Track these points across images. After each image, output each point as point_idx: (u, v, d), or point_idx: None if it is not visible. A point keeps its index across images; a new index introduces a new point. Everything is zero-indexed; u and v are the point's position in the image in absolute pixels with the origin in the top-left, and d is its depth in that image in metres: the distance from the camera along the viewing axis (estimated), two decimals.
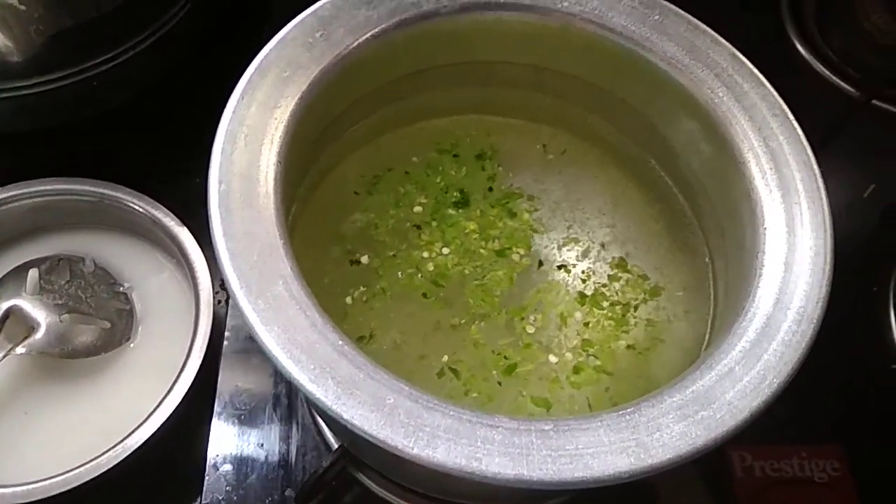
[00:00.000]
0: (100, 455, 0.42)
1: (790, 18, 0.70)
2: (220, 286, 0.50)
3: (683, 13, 0.39)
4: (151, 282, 0.52)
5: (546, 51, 0.41)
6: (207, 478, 0.44)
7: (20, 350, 0.46)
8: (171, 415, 0.43)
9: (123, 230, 0.53)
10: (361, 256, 0.40)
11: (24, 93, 0.52)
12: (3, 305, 0.47)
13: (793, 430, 0.49)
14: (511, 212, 0.43)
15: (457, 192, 0.43)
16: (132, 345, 0.49)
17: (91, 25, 0.51)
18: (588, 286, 0.41)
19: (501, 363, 0.38)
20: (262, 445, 0.46)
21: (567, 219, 0.43)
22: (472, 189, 0.43)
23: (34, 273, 0.48)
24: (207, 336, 0.46)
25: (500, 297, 0.40)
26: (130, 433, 0.43)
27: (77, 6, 0.50)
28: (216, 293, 0.48)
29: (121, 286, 0.51)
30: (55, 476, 0.41)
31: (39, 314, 0.47)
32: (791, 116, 0.36)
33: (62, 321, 0.47)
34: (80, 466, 0.42)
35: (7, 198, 0.50)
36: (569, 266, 0.42)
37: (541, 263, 0.41)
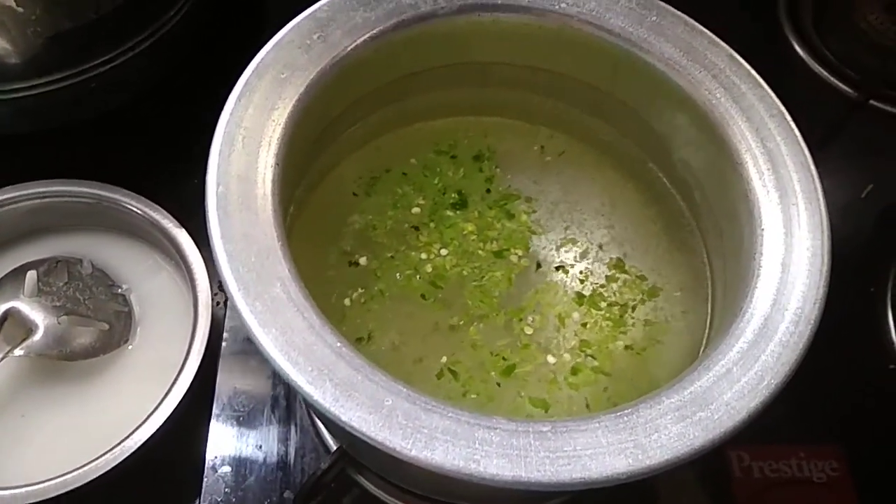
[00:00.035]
0: (98, 457, 0.42)
1: (787, 19, 0.70)
2: (219, 288, 0.49)
3: (681, 14, 0.39)
4: (150, 283, 0.52)
5: (543, 52, 0.41)
6: (206, 479, 0.44)
7: (18, 352, 0.46)
8: (170, 417, 0.43)
9: (121, 232, 0.53)
10: (360, 258, 0.40)
11: (23, 94, 0.52)
12: (1, 307, 0.47)
13: (791, 431, 0.49)
14: (509, 213, 0.43)
15: (455, 194, 0.43)
16: (130, 346, 0.49)
17: (89, 27, 0.51)
18: (586, 287, 0.41)
19: (500, 364, 0.38)
20: (261, 447, 0.46)
21: (565, 220, 0.43)
22: (470, 190, 0.43)
23: (32, 275, 0.48)
24: (206, 338, 0.46)
25: (499, 298, 0.40)
26: (129, 435, 0.43)
27: (75, 8, 0.50)
28: (214, 295, 0.48)
29: (119, 288, 0.51)
30: (53, 478, 0.41)
31: (38, 316, 0.47)
32: (788, 117, 0.37)
33: (60, 323, 0.47)
34: (79, 468, 0.42)
35: (5, 199, 0.50)
36: (567, 267, 0.42)
37: (539, 264, 0.41)
